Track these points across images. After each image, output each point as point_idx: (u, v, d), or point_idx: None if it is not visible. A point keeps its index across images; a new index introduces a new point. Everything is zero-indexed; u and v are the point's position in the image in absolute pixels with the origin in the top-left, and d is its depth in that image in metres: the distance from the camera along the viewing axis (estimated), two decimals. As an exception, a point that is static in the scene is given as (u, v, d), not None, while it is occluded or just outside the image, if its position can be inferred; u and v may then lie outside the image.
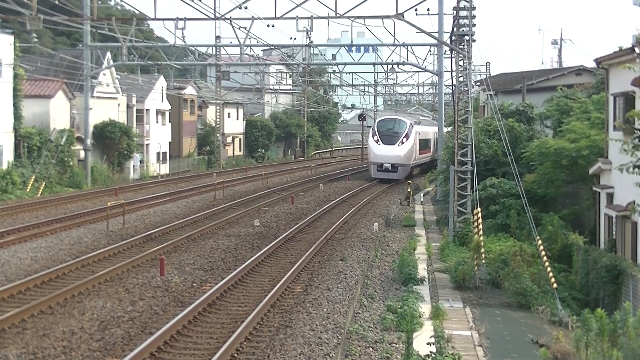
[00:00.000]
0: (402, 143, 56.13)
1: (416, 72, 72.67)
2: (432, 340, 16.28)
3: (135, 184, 51.55)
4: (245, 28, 42.50)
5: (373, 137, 57.48)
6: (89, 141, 50.23)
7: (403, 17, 34.05)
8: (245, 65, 64.10)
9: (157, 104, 63.29)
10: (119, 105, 57.21)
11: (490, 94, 37.85)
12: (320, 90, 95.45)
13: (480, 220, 25.69)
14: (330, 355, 14.88)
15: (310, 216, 35.14)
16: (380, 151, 56.16)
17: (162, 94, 64.06)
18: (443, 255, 27.89)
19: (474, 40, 32.63)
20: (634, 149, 13.95)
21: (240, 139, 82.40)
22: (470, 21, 32.09)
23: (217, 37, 62.63)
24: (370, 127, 65.05)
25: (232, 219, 34.47)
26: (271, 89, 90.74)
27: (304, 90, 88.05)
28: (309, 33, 53.33)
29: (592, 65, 35.82)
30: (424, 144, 64.47)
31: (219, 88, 72.14)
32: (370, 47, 67.80)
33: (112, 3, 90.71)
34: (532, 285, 21.75)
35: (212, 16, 39.23)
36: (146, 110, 61.09)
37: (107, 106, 54.82)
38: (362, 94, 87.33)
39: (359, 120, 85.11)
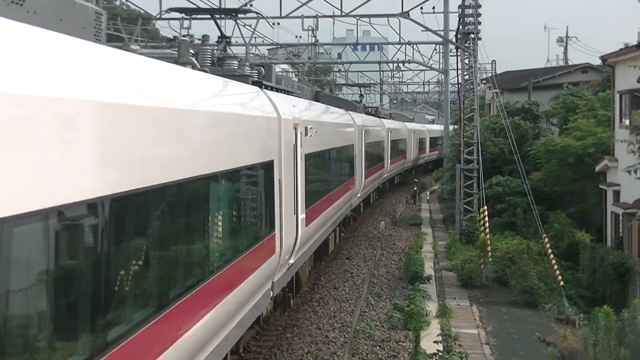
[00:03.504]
0: None
1: (422, 70, 72.42)
2: (439, 338, 16.30)
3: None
4: (251, 27, 42.47)
5: None
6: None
7: (408, 15, 33.99)
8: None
9: (163, 104, 63.37)
10: (125, 104, 57.30)
11: (496, 92, 37.78)
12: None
13: (486, 219, 25.67)
14: (337, 354, 14.89)
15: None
16: None
17: (168, 93, 64.13)
18: (449, 254, 27.89)
19: (480, 38, 32.62)
20: (640, 150, 13.94)
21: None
22: (476, 19, 32.10)
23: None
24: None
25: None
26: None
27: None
28: (314, 32, 53.32)
29: (598, 62, 35.73)
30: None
31: (224, 87, 72.08)
32: (376, 46, 67.77)
33: (118, 3, 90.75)
34: (538, 283, 21.74)
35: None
36: (152, 109, 61.20)
37: (113, 106, 54.92)
38: (368, 92, 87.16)
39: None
